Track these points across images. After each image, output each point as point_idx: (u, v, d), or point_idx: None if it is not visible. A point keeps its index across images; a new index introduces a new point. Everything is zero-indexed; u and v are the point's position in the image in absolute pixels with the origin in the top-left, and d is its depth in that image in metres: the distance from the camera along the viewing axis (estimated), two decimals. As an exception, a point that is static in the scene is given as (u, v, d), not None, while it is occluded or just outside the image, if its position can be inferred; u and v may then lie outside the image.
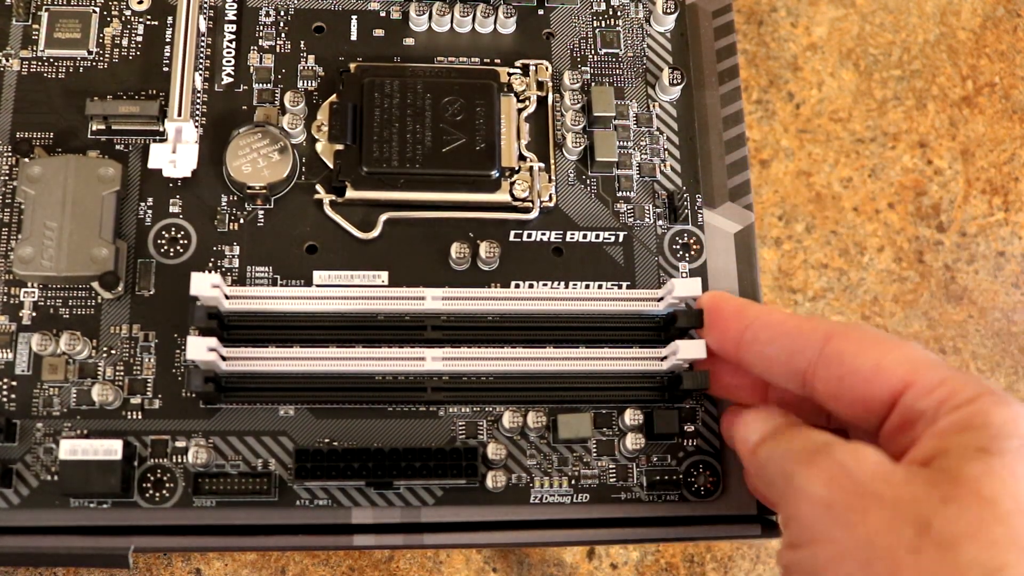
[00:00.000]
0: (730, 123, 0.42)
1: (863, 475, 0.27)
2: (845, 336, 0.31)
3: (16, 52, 0.39)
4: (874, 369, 0.30)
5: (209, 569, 0.43)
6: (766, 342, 0.32)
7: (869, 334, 0.31)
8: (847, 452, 0.28)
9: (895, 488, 0.26)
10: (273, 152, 0.38)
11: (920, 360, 0.29)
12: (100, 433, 0.35)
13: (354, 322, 0.36)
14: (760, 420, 0.33)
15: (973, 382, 0.28)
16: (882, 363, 0.29)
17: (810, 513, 0.27)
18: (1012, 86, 0.55)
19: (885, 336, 0.31)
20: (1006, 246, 0.52)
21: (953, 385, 0.28)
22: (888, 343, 0.30)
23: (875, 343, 0.30)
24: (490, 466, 0.36)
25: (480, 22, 0.41)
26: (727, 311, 0.34)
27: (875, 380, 0.29)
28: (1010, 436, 0.26)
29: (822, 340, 0.31)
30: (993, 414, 0.27)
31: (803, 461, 0.28)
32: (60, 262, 0.36)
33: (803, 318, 0.32)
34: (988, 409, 0.27)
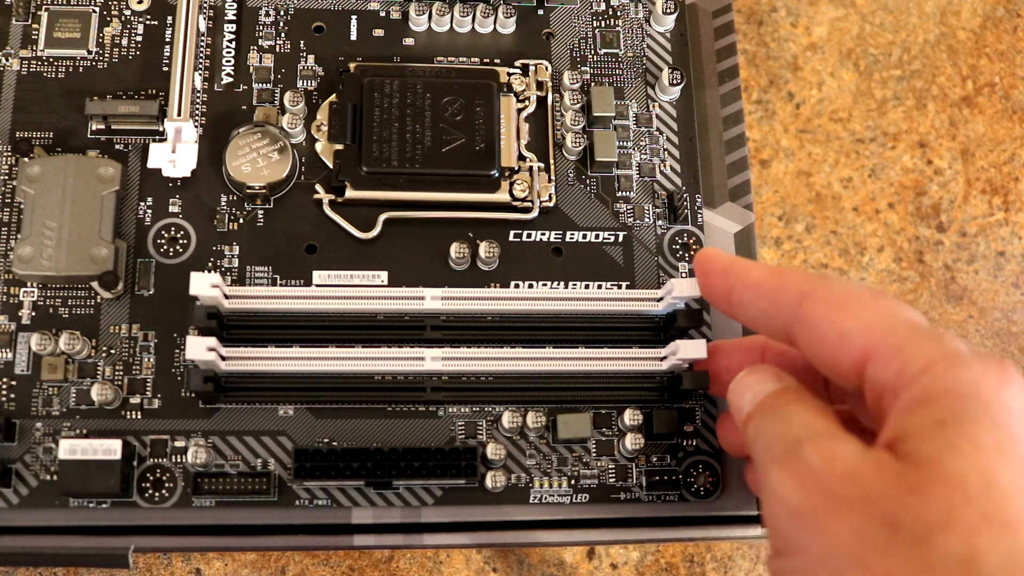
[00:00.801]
0: (730, 123, 0.41)
1: (831, 477, 0.25)
2: (815, 296, 0.29)
3: (16, 52, 0.39)
4: (838, 337, 0.28)
5: (209, 569, 0.43)
6: (749, 303, 0.31)
7: (838, 293, 0.29)
8: (815, 452, 0.26)
9: (863, 486, 0.25)
10: (273, 152, 0.38)
11: (878, 326, 0.27)
12: (99, 433, 0.35)
13: (354, 322, 0.36)
14: (753, 385, 0.31)
15: (928, 345, 0.26)
16: (845, 330, 0.28)
17: (784, 520, 0.26)
18: (1012, 86, 0.55)
19: (854, 294, 0.29)
20: (1006, 246, 0.52)
21: (908, 352, 0.26)
22: (853, 304, 0.28)
23: (841, 306, 0.28)
24: (489, 466, 0.36)
25: (480, 22, 0.41)
26: (714, 272, 0.33)
27: (840, 349, 0.28)
28: (969, 400, 0.25)
29: (796, 301, 0.29)
30: (948, 379, 0.25)
31: (776, 460, 0.27)
32: (60, 262, 0.36)
33: (782, 274, 0.31)
34: (943, 375, 0.25)
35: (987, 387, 0.25)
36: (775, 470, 0.26)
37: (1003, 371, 0.26)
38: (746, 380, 0.31)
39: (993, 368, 0.26)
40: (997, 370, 0.26)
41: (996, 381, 0.25)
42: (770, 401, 0.30)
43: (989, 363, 0.26)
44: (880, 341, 0.27)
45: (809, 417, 0.28)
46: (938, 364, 0.26)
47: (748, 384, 0.31)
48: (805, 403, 0.29)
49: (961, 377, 0.25)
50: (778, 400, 0.29)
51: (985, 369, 0.26)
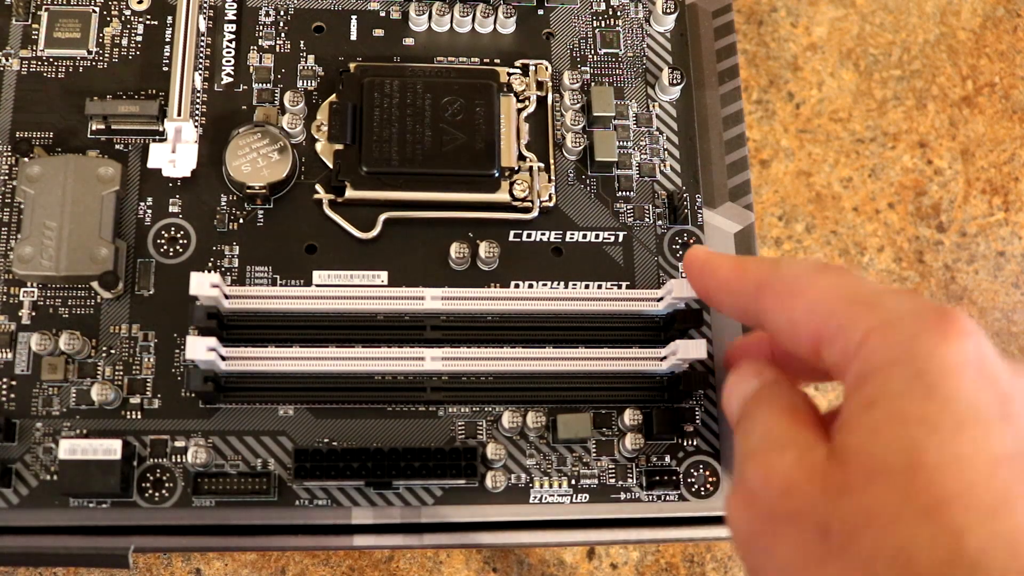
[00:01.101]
0: (730, 123, 0.42)
1: (769, 497, 0.25)
2: (768, 287, 0.28)
3: (16, 52, 0.39)
4: (790, 325, 0.27)
5: (209, 569, 0.43)
6: (723, 303, 0.31)
7: (786, 279, 0.28)
8: (754, 470, 0.25)
9: (796, 499, 0.24)
10: (273, 152, 0.38)
11: (821, 307, 0.26)
12: (99, 433, 0.35)
13: (354, 322, 0.36)
14: (736, 389, 0.30)
15: (865, 316, 0.25)
16: (794, 318, 0.27)
17: (740, 548, 0.26)
18: (1012, 86, 0.55)
19: (800, 276, 0.27)
20: (1006, 246, 0.52)
21: (848, 329, 0.25)
22: (799, 289, 0.27)
23: (789, 293, 0.27)
24: (489, 466, 0.36)
25: (480, 22, 0.41)
26: (693, 274, 0.33)
27: (796, 337, 0.27)
28: (900, 369, 0.23)
29: (755, 294, 0.29)
30: (879, 351, 0.24)
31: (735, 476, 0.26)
32: (60, 262, 0.36)
33: (743, 267, 0.30)
34: (875, 349, 0.24)
35: (922, 348, 0.23)
36: (729, 495, 0.26)
37: (942, 323, 0.23)
38: (731, 383, 0.31)
39: (932, 323, 0.23)
40: (936, 324, 0.23)
41: (933, 338, 0.23)
42: (747, 407, 0.29)
43: (927, 319, 0.24)
44: (823, 323, 0.26)
45: (766, 425, 0.27)
46: (873, 334, 0.24)
47: (732, 388, 0.30)
48: (770, 407, 0.28)
49: (892, 343, 0.24)
50: (750, 406, 0.29)
51: (922, 327, 0.23)
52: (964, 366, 0.23)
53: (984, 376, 0.23)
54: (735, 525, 0.26)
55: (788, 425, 0.26)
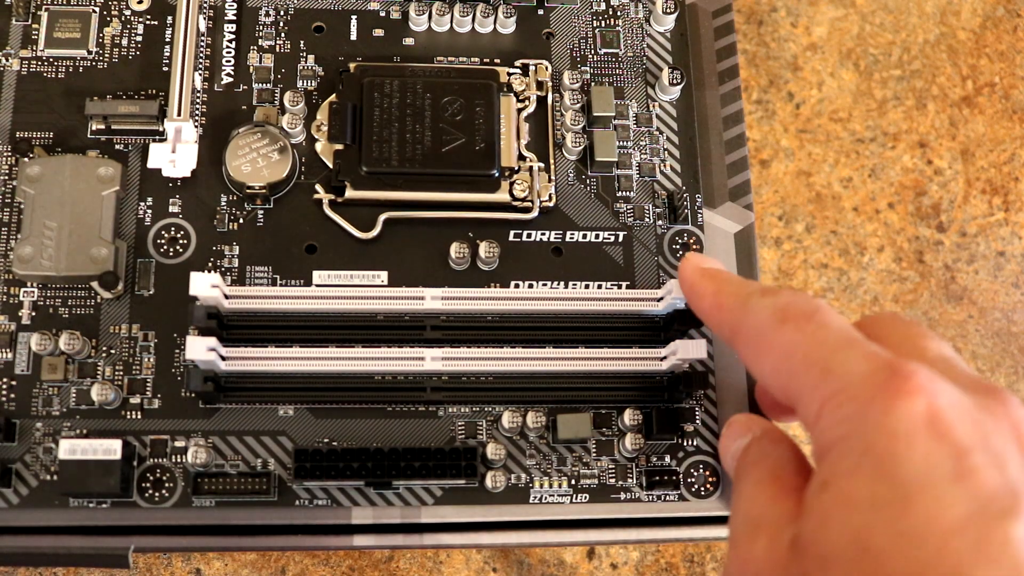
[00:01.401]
0: (730, 123, 0.41)
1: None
2: (741, 337, 0.29)
3: (16, 52, 0.39)
4: (761, 379, 0.28)
5: (209, 569, 0.43)
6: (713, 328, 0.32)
7: (751, 331, 0.28)
8: (737, 560, 0.25)
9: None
10: (273, 152, 0.38)
11: (782, 369, 0.26)
12: (99, 433, 0.35)
13: (354, 322, 0.36)
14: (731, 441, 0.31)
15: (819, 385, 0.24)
16: (762, 373, 0.27)
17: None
18: (1012, 86, 0.55)
19: (760, 330, 0.27)
20: (1006, 246, 0.52)
21: (806, 399, 0.25)
22: (762, 344, 0.27)
23: (755, 348, 0.27)
24: (489, 466, 0.36)
25: (480, 22, 0.41)
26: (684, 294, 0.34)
27: (771, 391, 0.27)
28: (850, 446, 0.23)
29: (731, 340, 0.29)
30: (834, 426, 0.23)
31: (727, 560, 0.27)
32: (59, 262, 0.36)
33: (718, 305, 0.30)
34: (830, 422, 0.23)
35: (870, 419, 0.23)
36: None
37: (891, 385, 0.23)
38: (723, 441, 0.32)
39: (880, 387, 0.23)
40: (884, 387, 0.23)
41: (881, 404, 0.23)
42: (738, 468, 0.29)
43: (877, 383, 0.23)
44: (786, 386, 0.26)
45: (748, 501, 0.27)
46: (827, 405, 0.24)
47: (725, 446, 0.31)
48: (755, 473, 0.28)
49: (844, 416, 0.23)
50: (739, 470, 0.29)
51: (872, 393, 0.23)
52: (912, 432, 0.22)
53: (936, 435, 0.22)
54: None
55: (766, 500, 0.26)
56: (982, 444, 0.22)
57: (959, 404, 0.23)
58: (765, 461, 0.28)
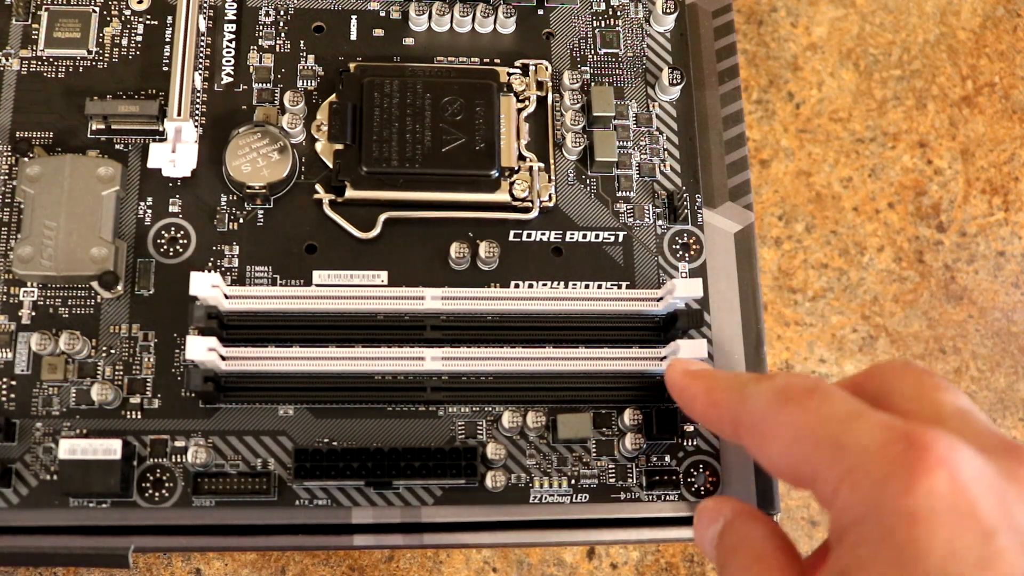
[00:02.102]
0: (730, 123, 0.41)
1: None
2: (744, 427, 0.28)
3: (16, 52, 0.39)
4: (772, 468, 0.27)
5: (209, 569, 0.43)
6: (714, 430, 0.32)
7: (755, 419, 0.27)
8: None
9: None
10: (273, 152, 0.38)
11: (793, 453, 0.25)
12: (99, 433, 0.35)
13: (354, 322, 0.36)
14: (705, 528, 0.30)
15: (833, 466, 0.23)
16: (772, 462, 0.26)
17: None
18: (1012, 86, 0.55)
19: (767, 416, 0.26)
20: (1006, 246, 0.52)
21: (820, 481, 0.24)
22: (769, 431, 0.26)
23: (762, 437, 0.26)
24: (490, 466, 0.36)
25: (480, 22, 0.41)
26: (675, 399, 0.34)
27: (783, 478, 0.26)
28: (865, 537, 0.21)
29: (734, 434, 0.29)
30: (851, 508, 0.22)
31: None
32: (59, 262, 0.36)
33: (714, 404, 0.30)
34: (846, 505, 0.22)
35: (889, 500, 0.21)
36: None
37: (909, 459, 0.22)
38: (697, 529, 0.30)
39: (898, 463, 0.22)
40: (902, 462, 0.22)
41: (900, 483, 0.21)
42: (719, 556, 0.29)
43: (894, 457, 0.22)
44: (798, 470, 0.25)
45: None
46: (842, 486, 0.23)
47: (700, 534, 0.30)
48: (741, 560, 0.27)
49: (861, 497, 0.22)
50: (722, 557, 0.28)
51: (889, 470, 0.22)
52: (934, 514, 0.21)
53: (959, 516, 0.21)
54: None
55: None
56: (1006, 522, 0.21)
57: (982, 475, 0.22)
58: (744, 545, 0.27)
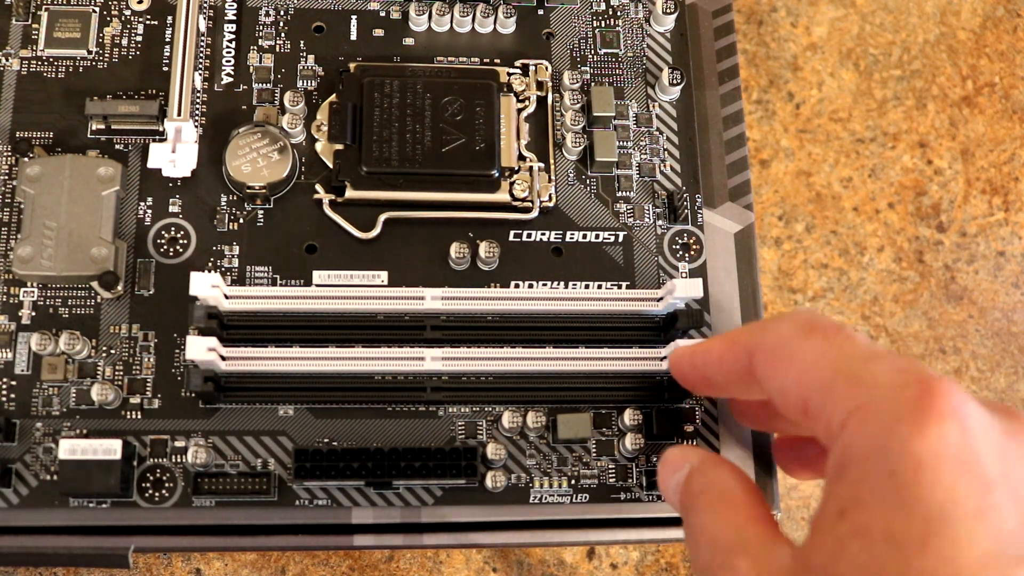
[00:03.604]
0: (730, 123, 0.42)
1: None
2: (758, 351, 0.28)
3: (16, 52, 0.39)
4: (780, 393, 0.27)
5: (209, 569, 0.43)
6: (723, 383, 0.31)
7: (773, 344, 0.27)
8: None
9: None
10: (273, 152, 0.38)
11: (809, 377, 0.25)
12: (99, 433, 0.35)
13: (354, 322, 0.36)
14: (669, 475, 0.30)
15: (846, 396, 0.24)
16: (783, 385, 0.26)
17: None
18: (1012, 86, 0.55)
19: (787, 340, 0.27)
20: (1006, 246, 0.52)
21: (830, 409, 0.24)
22: (786, 354, 0.26)
23: (777, 359, 0.27)
24: (490, 466, 0.36)
25: (480, 22, 0.41)
26: (684, 366, 0.33)
27: (786, 405, 0.26)
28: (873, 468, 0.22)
29: (748, 362, 0.29)
30: (856, 444, 0.22)
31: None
32: (59, 262, 0.36)
33: (733, 339, 0.30)
34: (853, 440, 0.23)
35: (897, 440, 0.22)
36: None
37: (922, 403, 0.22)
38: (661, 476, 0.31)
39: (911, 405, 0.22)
40: (915, 406, 0.22)
41: (910, 426, 0.22)
42: (684, 501, 0.29)
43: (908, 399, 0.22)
44: (810, 395, 0.25)
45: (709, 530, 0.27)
46: (853, 418, 0.23)
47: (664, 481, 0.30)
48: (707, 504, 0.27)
49: (870, 432, 0.22)
50: (687, 500, 0.28)
51: (901, 411, 0.22)
52: (939, 459, 0.21)
53: (963, 465, 0.21)
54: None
55: (730, 527, 0.26)
56: (1005, 478, 0.22)
57: (987, 430, 0.22)
58: (712, 489, 0.28)
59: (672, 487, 0.30)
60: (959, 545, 0.21)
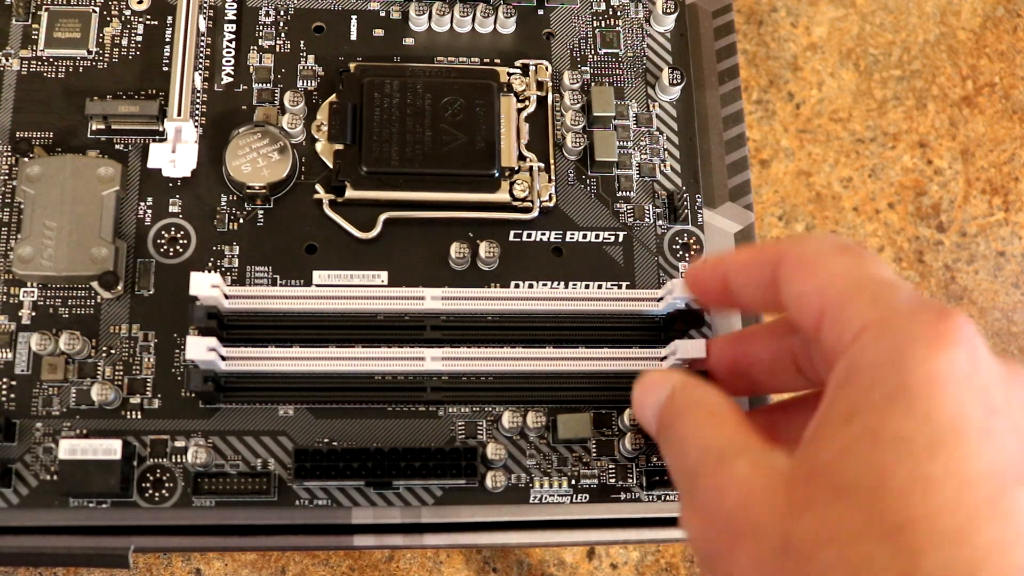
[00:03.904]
0: (730, 123, 0.42)
1: (725, 510, 0.24)
2: (786, 258, 0.28)
3: (16, 52, 0.39)
4: (798, 299, 0.27)
5: (209, 569, 0.44)
6: (743, 285, 0.30)
7: (803, 253, 0.27)
8: (707, 488, 0.25)
9: (753, 516, 0.23)
10: (273, 152, 0.38)
11: (832, 285, 0.25)
12: (99, 433, 0.35)
13: (354, 322, 0.36)
14: (647, 399, 0.29)
15: (867, 307, 0.24)
16: (803, 291, 0.26)
17: (698, 559, 0.26)
18: (1012, 86, 0.55)
19: (819, 252, 0.27)
20: (1006, 246, 0.52)
21: (847, 315, 0.24)
22: (815, 264, 0.26)
23: (804, 266, 0.27)
24: (490, 466, 0.36)
25: (480, 22, 0.41)
26: (706, 270, 0.32)
27: (801, 312, 0.27)
28: (882, 382, 0.22)
29: (774, 267, 0.28)
30: (870, 352, 0.23)
31: (682, 499, 0.26)
32: (59, 262, 0.36)
33: (763, 246, 0.30)
34: (867, 347, 0.23)
35: (911, 355, 0.22)
36: (683, 509, 0.26)
37: (937, 327, 0.23)
38: (639, 394, 0.30)
39: (926, 327, 0.23)
40: (930, 328, 0.23)
41: (924, 345, 0.22)
42: (664, 419, 0.28)
43: (924, 321, 0.23)
44: (828, 303, 0.25)
45: (699, 437, 0.26)
46: (868, 331, 0.24)
47: (642, 399, 0.30)
48: (694, 416, 0.27)
49: (884, 347, 0.23)
50: (668, 417, 0.28)
51: (917, 331, 0.23)
52: (951, 378, 0.22)
53: (972, 388, 0.22)
54: (695, 544, 0.26)
55: (721, 432, 0.26)
56: (1008, 407, 0.22)
57: (993, 365, 0.23)
58: (699, 404, 0.27)
59: (650, 407, 0.29)
60: (967, 458, 0.21)
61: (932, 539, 0.21)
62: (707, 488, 0.25)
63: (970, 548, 0.21)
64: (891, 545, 0.21)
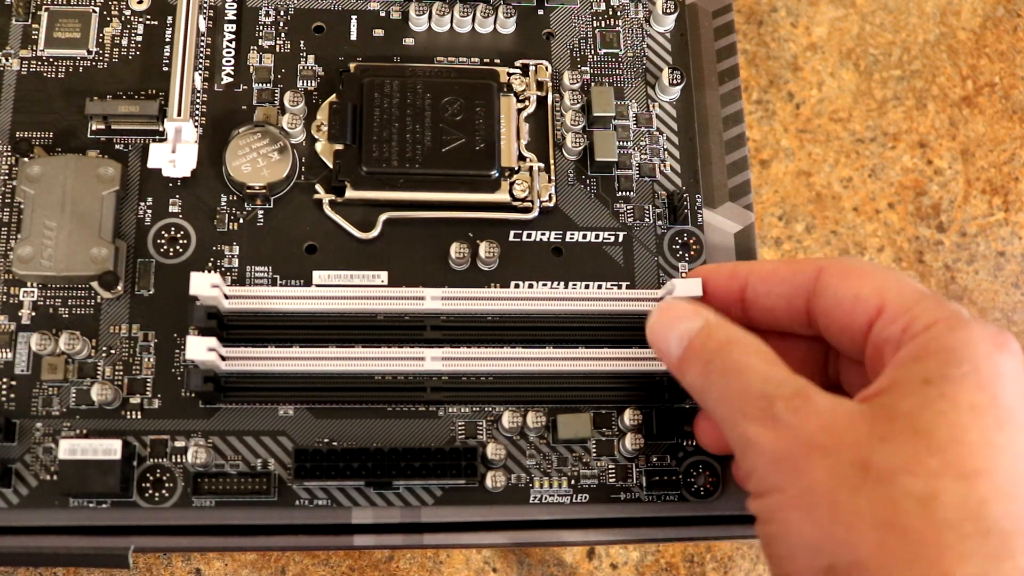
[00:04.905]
0: (730, 123, 0.42)
1: (806, 430, 0.27)
2: (833, 268, 0.31)
3: (16, 52, 0.39)
4: (853, 299, 0.30)
5: (209, 569, 0.44)
6: (765, 294, 0.33)
7: (855, 266, 0.31)
8: (790, 411, 0.28)
9: (836, 436, 0.27)
10: (273, 152, 0.38)
11: (892, 287, 0.29)
12: (99, 433, 0.35)
13: (354, 322, 0.36)
14: (675, 324, 0.32)
15: (935, 307, 0.28)
16: (860, 293, 0.30)
17: (764, 466, 0.28)
18: (1012, 86, 0.55)
19: (871, 267, 0.31)
20: (1006, 246, 0.52)
21: (915, 312, 0.28)
22: (870, 273, 0.30)
23: (858, 274, 0.31)
24: (490, 466, 0.36)
25: (480, 22, 0.41)
26: (721, 277, 0.34)
27: (854, 310, 0.30)
28: (957, 363, 0.27)
29: (814, 276, 0.32)
30: (945, 339, 0.27)
31: (748, 416, 0.28)
32: (59, 262, 0.36)
33: (796, 260, 0.33)
34: (940, 335, 0.27)
35: (981, 350, 0.27)
36: (752, 425, 0.28)
37: (1001, 338, 0.27)
38: (666, 318, 0.32)
39: (991, 334, 0.27)
40: (995, 336, 0.27)
41: (991, 346, 0.27)
42: (703, 344, 0.31)
43: (989, 329, 0.27)
44: (891, 301, 0.29)
45: (762, 370, 0.29)
46: (940, 324, 0.28)
47: (670, 323, 0.32)
48: (746, 349, 0.30)
49: (958, 338, 0.27)
50: (713, 344, 0.31)
51: (983, 334, 0.27)
52: (1010, 376, 0.27)
53: (1021, 391, 0.27)
54: (763, 448, 0.28)
55: (781, 369, 0.29)
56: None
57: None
58: (746, 341, 0.30)
59: (676, 336, 0.32)
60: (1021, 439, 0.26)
61: (997, 491, 0.25)
62: (790, 412, 0.28)
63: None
64: (964, 487, 0.25)
